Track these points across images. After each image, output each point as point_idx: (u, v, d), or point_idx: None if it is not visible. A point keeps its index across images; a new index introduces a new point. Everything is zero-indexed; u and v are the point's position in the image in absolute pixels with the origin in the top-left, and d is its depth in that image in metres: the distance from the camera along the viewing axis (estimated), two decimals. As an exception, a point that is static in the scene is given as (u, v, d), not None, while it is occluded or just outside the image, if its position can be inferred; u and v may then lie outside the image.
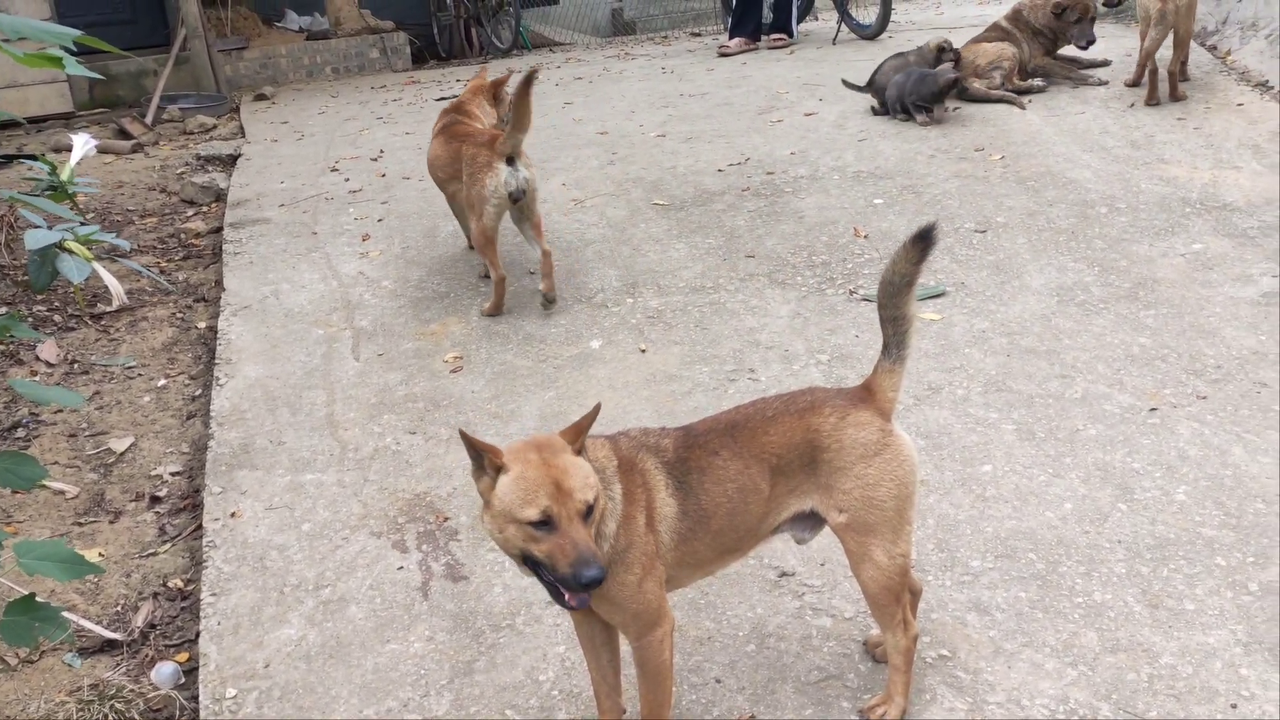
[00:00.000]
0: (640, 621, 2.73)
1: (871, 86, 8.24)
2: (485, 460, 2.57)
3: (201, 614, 3.66)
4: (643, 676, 2.80)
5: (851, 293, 5.47)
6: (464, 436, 2.60)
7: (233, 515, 4.14)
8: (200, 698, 3.30)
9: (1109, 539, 3.65)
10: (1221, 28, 8.36)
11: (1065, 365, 4.69)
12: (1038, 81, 8.15)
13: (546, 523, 2.46)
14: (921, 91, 7.62)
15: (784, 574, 3.61)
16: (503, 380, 4.95)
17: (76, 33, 2.15)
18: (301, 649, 3.46)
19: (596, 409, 2.63)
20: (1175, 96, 7.43)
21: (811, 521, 2.98)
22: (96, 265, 3.73)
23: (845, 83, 8.58)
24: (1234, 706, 2.97)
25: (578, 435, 2.59)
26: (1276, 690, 3.00)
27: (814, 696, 3.12)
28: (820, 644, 3.31)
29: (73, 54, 2.24)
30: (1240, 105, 7.29)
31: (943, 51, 7.96)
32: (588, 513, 2.49)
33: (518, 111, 5.18)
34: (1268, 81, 7.52)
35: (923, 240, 2.89)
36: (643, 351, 5.09)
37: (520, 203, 5.40)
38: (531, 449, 2.55)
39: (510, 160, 5.34)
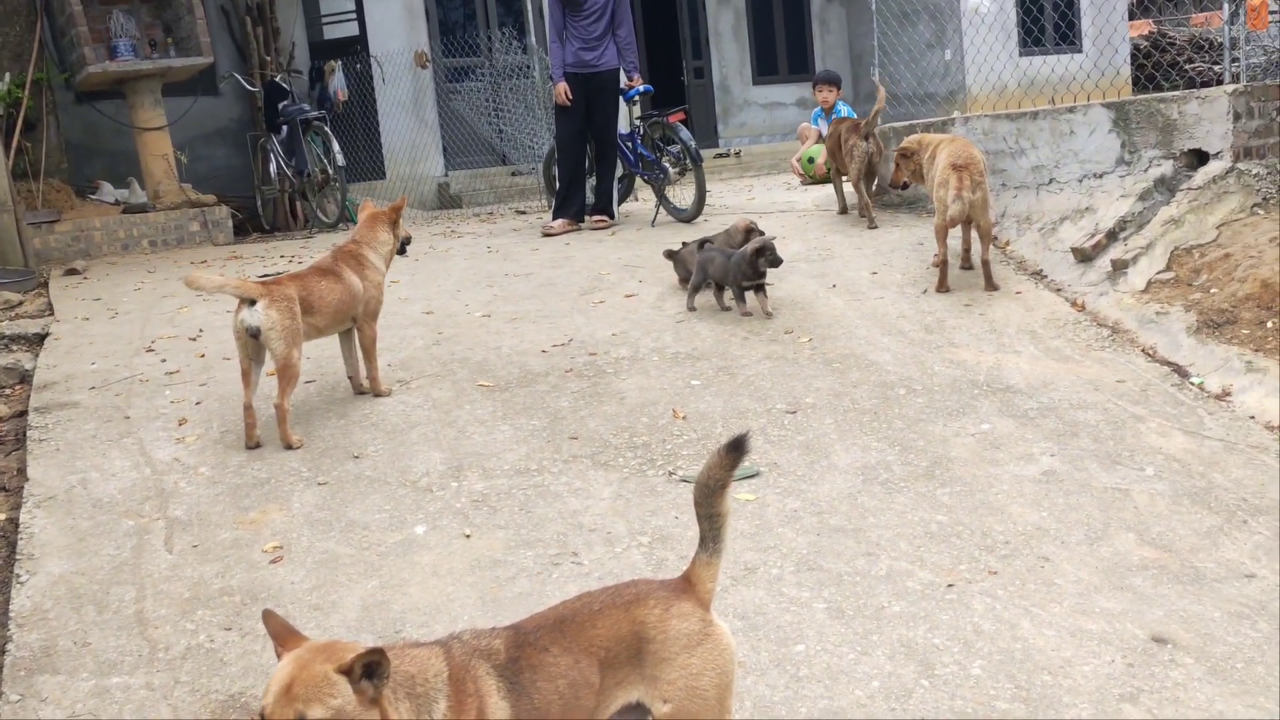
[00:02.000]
0: (475, 827, 2.73)
1: (674, 258, 8.73)
2: (275, 645, 2.62)
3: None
4: None
5: (671, 474, 5.67)
6: (266, 618, 2.63)
7: (30, 725, 3.94)
8: None
9: (913, 715, 3.84)
10: (1000, 219, 9.19)
11: (870, 543, 4.96)
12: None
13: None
14: (743, 268, 7.79)
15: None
16: (324, 570, 4.90)
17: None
18: None
19: (379, 654, 2.55)
20: (991, 285, 8.01)
21: (637, 713, 3.06)
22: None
23: (667, 254, 8.98)
24: None
25: (355, 660, 2.51)
26: None
27: None
28: (643, 836, 3.35)
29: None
30: (1019, 293, 7.99)
31: (750, 232, 8.42)
32: None
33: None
34: (1041, 271, 8.29)
35: (735, 449, 3.10)
36: (467, 537, 5.13)
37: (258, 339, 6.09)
38: (313, 650, 2.58)
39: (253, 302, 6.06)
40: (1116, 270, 7.57)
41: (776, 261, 7.67)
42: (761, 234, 8.46)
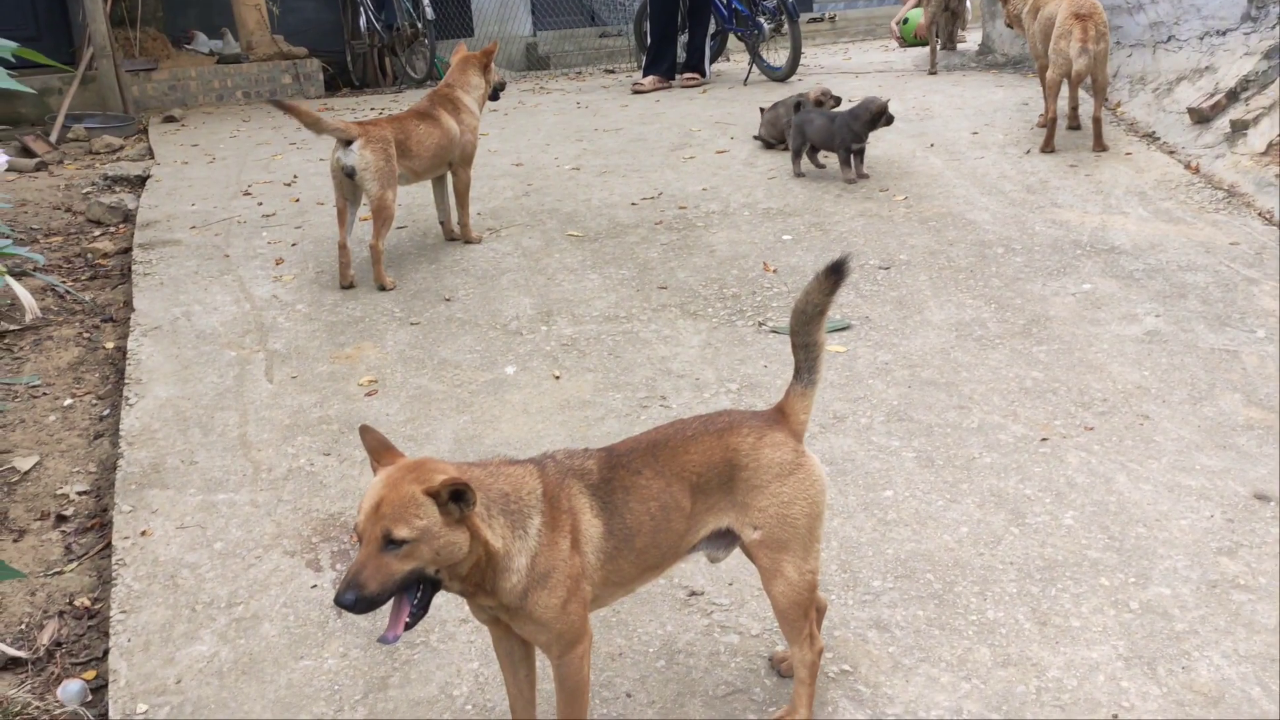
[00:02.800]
0: (562, 641, 2.80)
1: (763, 117, 8.53)
2: (371, 460, 2.67)
3: (111, 631, 3.63)
4: (561, 692, 2.88)
5: (760, 325, 5.64)
6: (363, 432, 2.68)
7: (143, 534, 4.12)
8: (109, 714, 3.28)
9: (1002, 560, 3.83)
10: (1112, 80, 8.79)
11: (963, 397, 4.90)
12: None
13: (359, 535, 2.56)
14: (856, 130, 7.49)
15: (693, 593, 3.71)
16: (417, 404, 5.00)
17: (15, 45, 2.19)
18: (214, 665, 3.46)
19: (467, 486, 2.54)
20: (1100, 146, 7.73)
21: (726, 540, 3.09)
22: (9, 279, 3.72)
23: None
24: (1115, 716, 3.15)
25: (445, 484, 2.52)
26: (1154, 701, 3.19)
27: (721, 710, 3.22)
28: (728, 660, 3.42)
29: (8, 66, 2.28)
30: (1129, 155, 7.68)
31: (821, 103, 8.17)
32: (389, 544, 2.50)
33: None
34: (1154, 133, 7.95)
35: (835, 272, 3.04)
36: (556, 378, 5.18)
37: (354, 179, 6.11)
38: (404, 468, 2.60)
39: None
40: (1235, 132, 7.23)
41: (890, 120, 7.45)
42: (837, 100, 8.21)
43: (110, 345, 5.93)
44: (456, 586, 2.69)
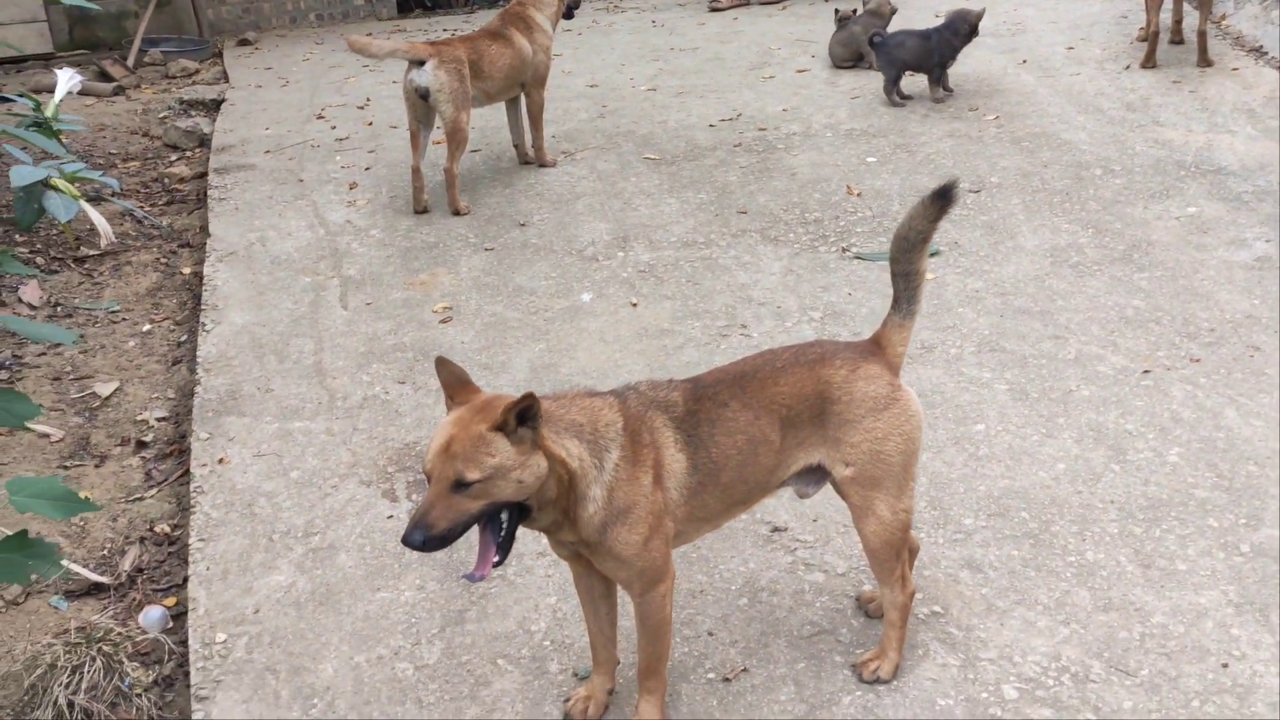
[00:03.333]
0: (644, 579, 2.71)
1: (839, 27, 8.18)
2: (445, 395, 2.59)
3: (190, 559, 3.62)
4: (643, 631, 2.79)
5: (844, 250, 5.44)
6: (439, 365, 2.59)
7: (220, 461, 4.10)
8: (189, 642, 3.27)
9: (1101, 499, 3.66)
10: (1217, -8, 8.31)
11: (1059, 326, 4.68)
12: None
13: (428, 476, 2.46)
14: (955, 44, 7.11)
15: (776, 529, 3.60)
16: (492, 332, 4.91)
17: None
18: (291, 595, 3.43)
19: (530, 399, 2.44)
20: (1205, 61, 7.32)
21: (816, 475, 2.96)
22: (84, 204, 3.66)
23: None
24: (1225, 666, 2.98)
25: (506, 411, 2.43)
26: (1267, 650, 3.02)
27: (806, 651, 3.12)
28: (813, 599, 3.31)
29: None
30: (1235, 70, 7.26)
31: (890, 15, 7.81)
32: (459, 485, 2.41)
33: None
34: (1262, 47, 7.50)
35: (942, 197, 2.87)
36: (634, 305, 5.05)
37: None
38: (473, 407, 2.51)
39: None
40: (1354, 45, 6.78)
41: (977, 33, 7.11)
42: (893, 10, 7.84)
43: (187, 271, 5.93)
44: (545, 517, 2.60)
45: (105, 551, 3.91)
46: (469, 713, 2.97)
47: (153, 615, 3.54)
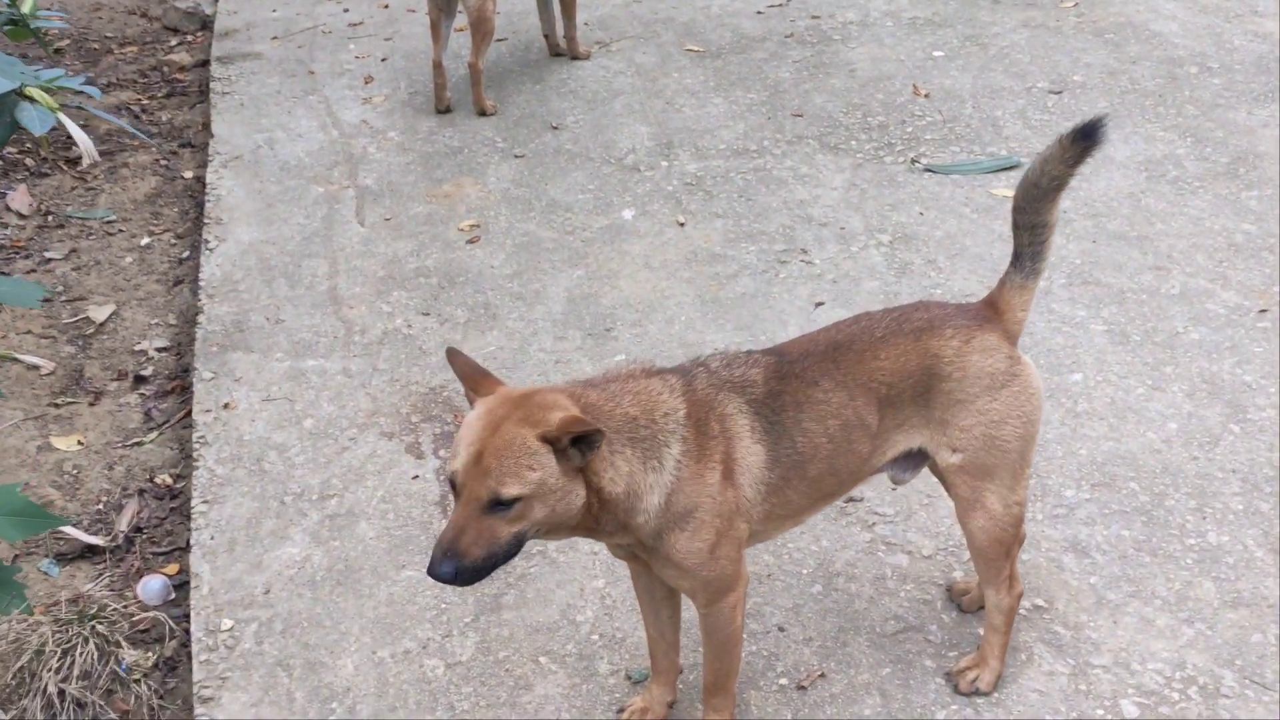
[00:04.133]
0: (711, 589, 2.30)
1: None
2: (465, 389, 2.16)
3: (193, 525, 3.24)
4: (709, 645, 2.39)
5: (913, 161, 4.90)
6: (451, 357, 2.15)
7: (226, 406, 3.69)
8: (192, 629, 2.91)
9: (1221, 467, 3.21)
10: None
11: (1159, 254, 4.17)
12: None
13: (454, 487, 2.03)
14: None
15: (850, 499, 3.18)
16: (525, 254, 4.43)
17: None
18: (305, 572, 3.05)
19: (599, 432, 2.02)
20: None
21: (915, 460, 2.53)
22: (62, 116, 3.16)
23: None
24: (1381, 682, 2.58)
25: (565, 428, 2.00)
26: None
27: (891, 652, 2.73)
28: (896, 587, 2.91)
29: None
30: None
31: None
32: (496, 505, 1.99)
33: None
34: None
35: (1085, 137, 2.38)
36: (681, 225, 4.56)
37: None
38: (508, 403, 2.06)
39: None
40: None
41: None
42: None
43: (189, 174, 5.44)
44: (564, 535, 2.19)
45: (101, 505, 3.54)
46: (508, 724, 2.60)
47: (152, 586, 3.18)
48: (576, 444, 2.02)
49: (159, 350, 4.24)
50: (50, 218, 5.11)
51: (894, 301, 3.90)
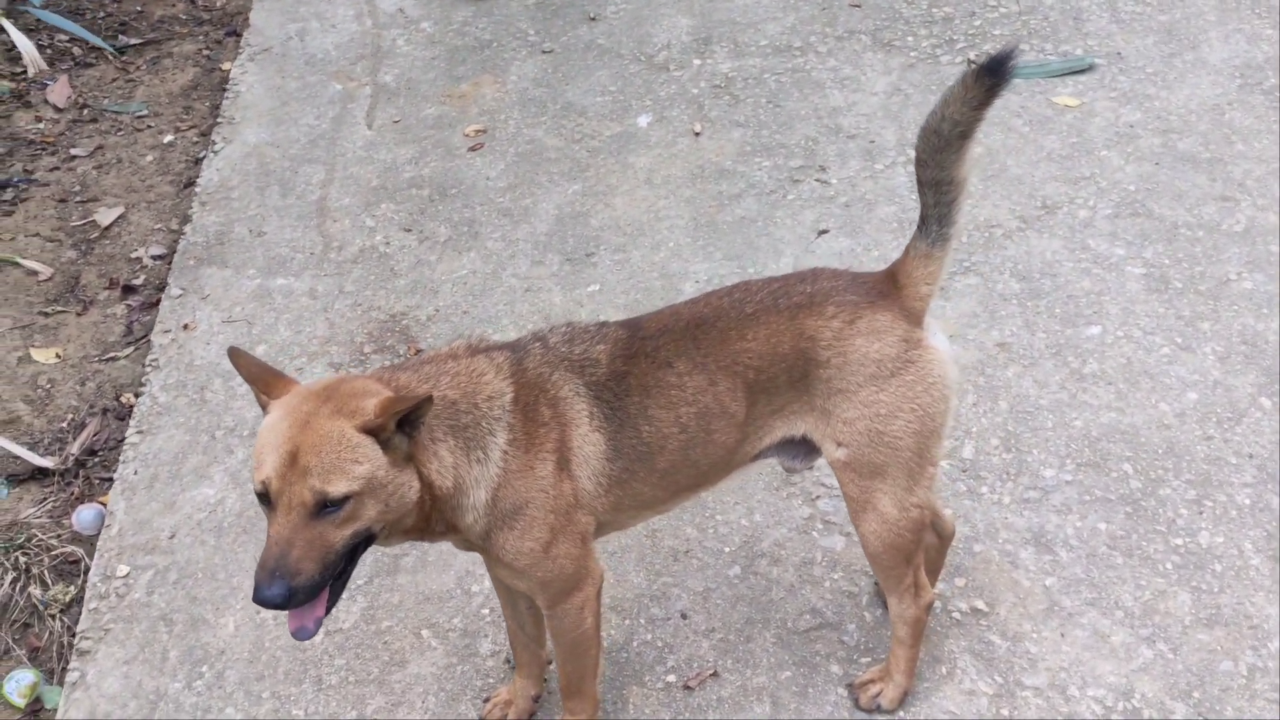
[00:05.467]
0: (551, 590, 2.07)
1: None
2: (255, 392, 1.90)
3: (121, 457, 3.18)
4: (558, 646, 2.18)
5: (971, 61, 4.37)
6: (234, 357, 1.91)
7: (185, 327, 3.60)
8: (90, 574, 2.85)
9: (1237, 451, 2.77)
10: None
11: (1230, 182, 3.61)
12: None
13: (267, 499, 1.79)
14: None
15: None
16: (525, 164, 4.15)
17: None
18: (215, 517, 2.95)
19: (427, 400, 1.80)
20: None
21: (805, 448, 2.22)
22: (4, 22, 3.00)
23: None
24: (1361, 736, 2.19)
25: (385, 410, 1.79)
26: None
27: (798, 652, 2.46)
28: (822, 575, 2.62)
29: None
30: None
31: None
32: (323, 508, 1.76)
33: None
34: None
35: (992, 73, 1.96)
36: (696, 135, 4.19)
37: None
38: (313, 398, 1.82)
39: None
40: None
41: None
42: None
43: (227, 67, 5.30)
44: (398, 539, 1.98)
45: (66, 423, 3.51)
46: (372, 703, 2.46)
47: (85, 516, 3.14)
48: (401, 427, 1.80)
49: (154, 259, 4.16)
50: (86, 111, 5.07)
51: (905, 233, 3.50)
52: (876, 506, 2.13)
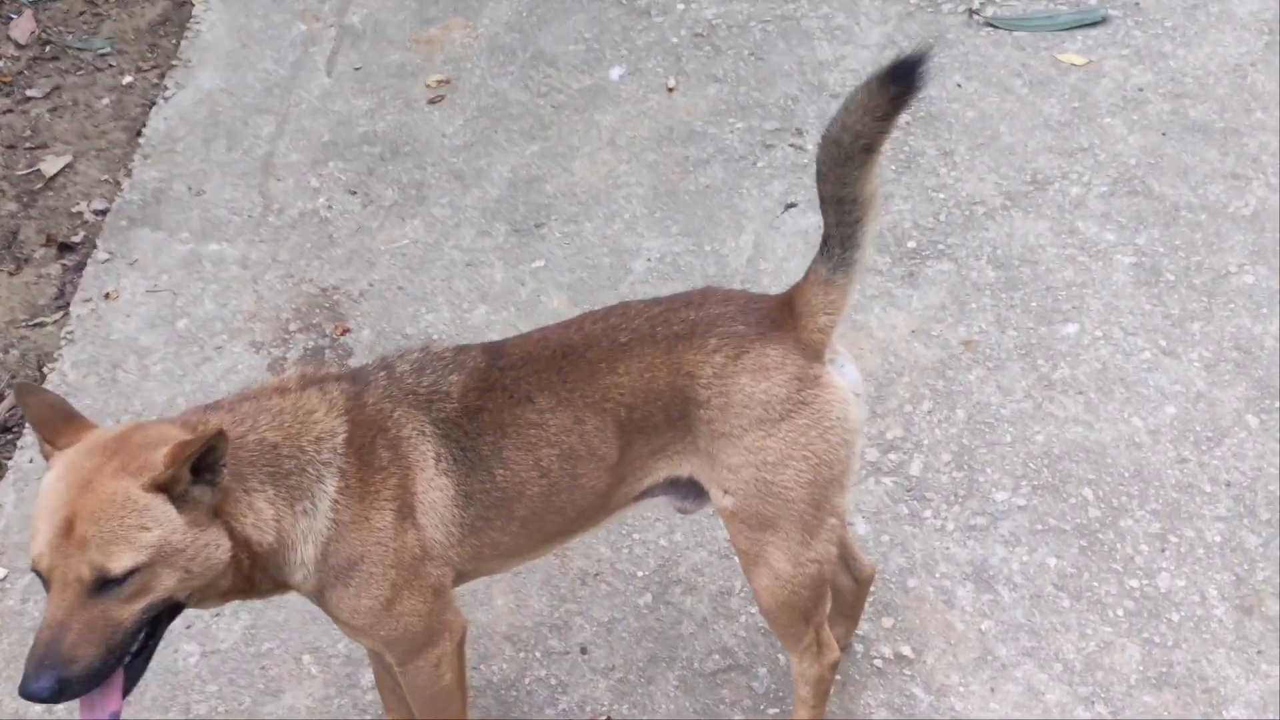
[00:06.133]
0: (398, 648, 1.87)
1: None
2: (40, 443, 1.69)
3: (19, 443, 3.01)
4: (415, 705, 1.99)
5: (972, 13, 4.00)
6: (22, 395, 1.70)
7: (107, 296, 3.41)
8: (-29, 575, 2.71)
9: (1213, 477, 2.50)
10: None
11: (1243, 156, 3.27)
12: None
13: (42, 576, 1.58)
14: None
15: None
16: (484, 121, 3.88)
17: None
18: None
19: (218, 435, 1.58)
20: None
21: (696, 489, 1.98)
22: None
23: None
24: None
25: (175, 459, 1.57)
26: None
27: (702, 698, 2.26)
28: (739, 608, 2.40)
29: None
30: None
31: None
32: (104, 585, 1.54)
33: None
34: None
35: (899, 78, 1.68)
36: (670, 90, 3.88)
37: None
38: (97, 452, 1.61)
39: None
40: None
41: None
42: None
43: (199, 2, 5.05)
44: (214, 603, 1.78)
45: (-12, 394, 3.36)
46: (241, 736, 2.30)
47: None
48: (199, 477, 1.59)
49: (96, 213, 3.96)
50: (48, 48, 4.85)
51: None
52: (768, 561, 1.90)
